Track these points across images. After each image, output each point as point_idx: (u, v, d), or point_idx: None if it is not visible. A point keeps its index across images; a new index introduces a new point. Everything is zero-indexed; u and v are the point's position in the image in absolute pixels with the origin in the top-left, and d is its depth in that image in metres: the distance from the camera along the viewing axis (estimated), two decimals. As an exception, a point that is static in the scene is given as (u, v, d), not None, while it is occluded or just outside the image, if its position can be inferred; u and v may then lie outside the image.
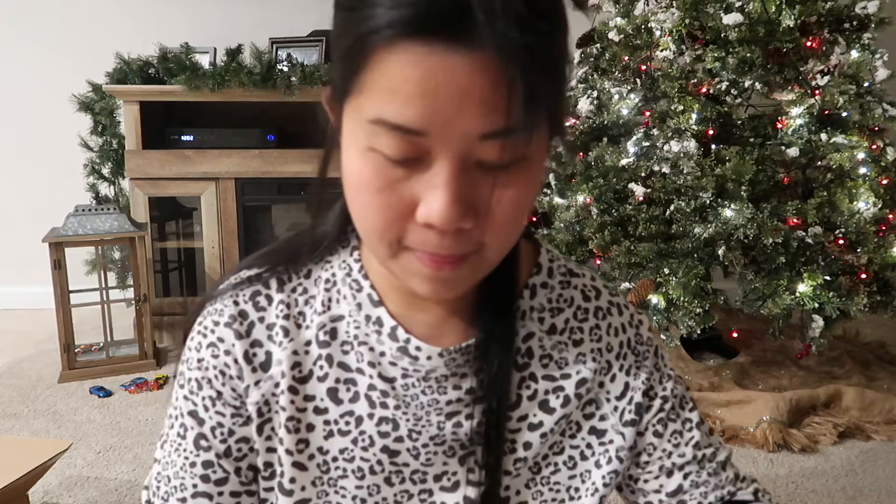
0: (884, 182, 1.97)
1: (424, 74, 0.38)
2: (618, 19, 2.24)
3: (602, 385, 0.60)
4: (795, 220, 1.91)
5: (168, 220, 2.85)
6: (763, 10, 1.97)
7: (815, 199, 1.93)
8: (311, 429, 0.56)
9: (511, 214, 0.44)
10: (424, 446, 0.56)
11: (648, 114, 2.13)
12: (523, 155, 0.42)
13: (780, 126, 2.06)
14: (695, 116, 2.00)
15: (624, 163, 2.10)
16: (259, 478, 0.57)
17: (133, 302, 2.44)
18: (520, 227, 0.47)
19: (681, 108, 2.00)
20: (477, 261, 0.46)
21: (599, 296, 0.61)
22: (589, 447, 0.60)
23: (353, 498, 0.56)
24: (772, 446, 1.84)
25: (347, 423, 0.55)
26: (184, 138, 2.60)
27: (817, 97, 2.01)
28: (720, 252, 1.92)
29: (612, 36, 2.23)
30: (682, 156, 1.98)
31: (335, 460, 0.56)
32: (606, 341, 0.60)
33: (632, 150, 2.11)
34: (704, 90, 2.08)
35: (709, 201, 1.94)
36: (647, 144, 2.09)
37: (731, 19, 1.97)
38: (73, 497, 1.63)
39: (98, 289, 2.44)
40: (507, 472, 0.57)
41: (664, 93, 2.06)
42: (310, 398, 0.55)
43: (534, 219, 2.35)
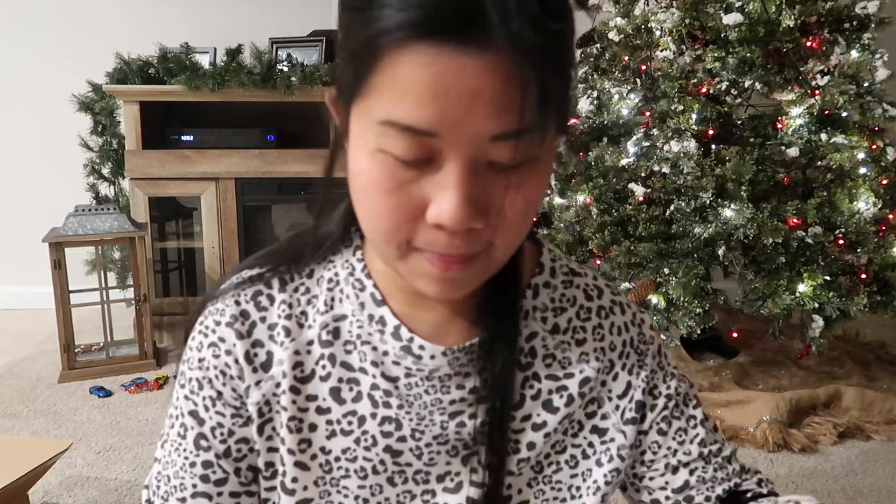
0: (884, 182, 1.97)
1: (436, 76, 0.38)
2: (618, 19, 2.24)
3: (604, 384, 0.60)
4: (795, 220, 1.91)
5: (168, 220, 2.85)
6: (763, 10, 1.97)
7: (815, 199, 1.93)
8: (314, 428, 0.55)
9: (520, 214, 0.44)
10: (427, 446, 0.56)
11: (648, 114, 2.13)
12: (533, 155, 0.42)
13: (780, 126, 2.06)
14: (695, 116, 2.00)
15: (624, 163, 2.10)
16: (259, 478, 0.57)
17: (133, 302, 2.44)
18: (528, 226, 0.47)
19: (681, 108, 2.00)
20: (485, 261, 0.46)
21: (602, 295, 0.61)
22: (591, 446, 0.60)
23: (356, 498, 0.56)
24: (772, 446, 1.84)
25: (350, 423, 0.55)
26: (184, 138, 2.60)
27: (817, 97, 2.01)
28: (720, 252, 1.92)
29: (612, 36, 2.23)
30: (682, 156, 1.98)
31: (338, 460, 0.56)
32: (609, 340, 0.60)
33: (632, 150, 2.11)
34: (704, 90, 2.08)
35: (709, 201, 1.94)
36: (647, 144, 2.09)
37: (731, 19, 1.97)
38: (73, 497, 1.63)
39: (98, 289, 2.44)
40: (510, 472, 0.57)
41: (664, 93, 2.06)
42: (312, 398, 0.55)
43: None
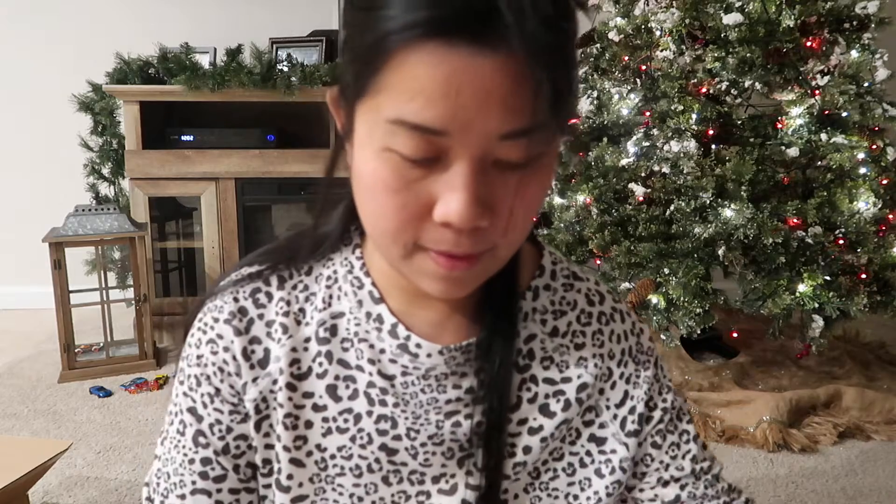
0: (884, 182, 1.97)
1: (447, 75, 0.38)
2: (618, 19, 2.24)
3: (602, 392, 0.59)
4: (795, 220, 1.91)
5: (168, 220, 2.85)
6: (763, 10, 1.97)
7: (815, 199, 1.93)
8: (310, 426, 0.55)
9: (525, 213, 0.45)
10: (423, 445, 0.56)
11: (648, 114, 2.13)
12: (539, 155, 0.42)
13: (780, 126, 2.06)
14: (695, 116, 2.00)
15: (624, 163, 2.10)
16: (258, 475, 0.57)
17: (133, 302, 2.44)
18: (530, 226, 0.47)
19: (681, 108, 2.00)
20: (489, 260, 0.46)
21: (603, 301, 0.61)
22: (588, 454, 0.59)
23: (351, 496, 0.56)
24: (772, 446, 1.84)
25: (346, 421, 0.55)
26: (184, 138, 2.60)
27: (817, 97, 2.01)
28: (720, 252, 1.92)
29: (612, 36, 2.22)
30: (682, 156, 1.98)
31: (333, 458, 0.56)
32: (608, 347, 0.59)
33: (632, 150, 2.11)
34: (704, 90, 2.08)
35: (709, 201, 1.94)
36: (647, 144, 2.09)
37: (731, 19, 1.97)
38: (73, 497, 1.63)
39: (98, 289, 2.44)
40: (506, 476, 0.57)
41: (664, 93, 2.06)
42: (308, 395, 0.55)
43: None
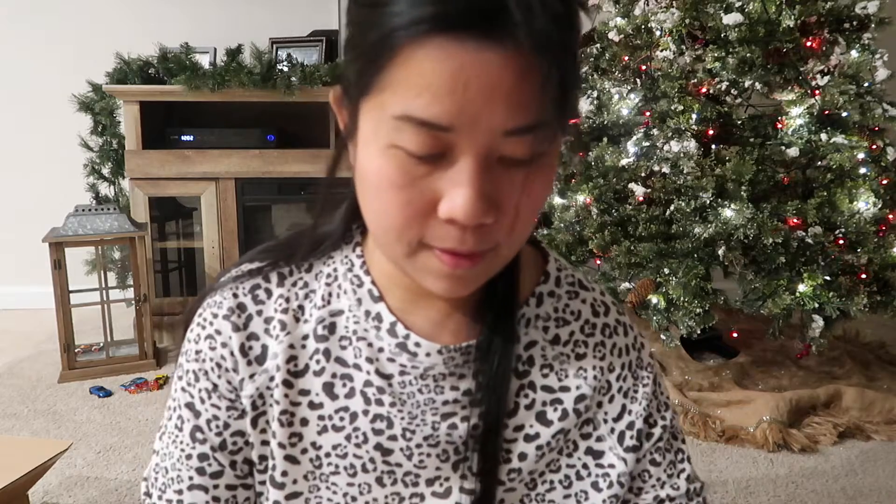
0: (884, 182, 1.97)
1: (455, 70, 0.38)
2: (618, 19, 2.24)
3: (600, 405, 0.59)
4: (795, 220, 1.91)
5: (168, 220, 2.85)
6: (763, 10, 1.97)
7: (815, 199, 1.93)
8: (305, 423, 0.55)
9: (529, 210, 0.45)
10: (418, 447, 0.55)
11: (648, 114, 2.13)
12: (543, 152, 0.42)
13: (780, 126, 2.06)
14: (695, 116, 2.00)
15: (624, 163, 2.10)
16: (255, 471, 0.57)
17: (133, 302, 2.44)
18: (533, 224, 0.47)
19: (681, 108, 2.00)
20: (492, 258, 0.46)
21: (608, 312, 0.61)
22: (585, 467, 0.59)
23: (344, 495, 0.56)
24: (772, 446, 1.84)
25: (342, 419, 0.55)
26: (184, 138, 2.61)
27: (817, 97, 2.01)
28: (720, 252, 1.92)
29: (612, 36, 2.23)
30: (682, 156, 1.98)
31: (328, 456, 0.56)
32: (609, 361, 0.59)
33: (632, 150, 2.11)
34: (704, 90, 2.08)
35: (709, 201, 1.94)
36: (647, 144, 2.09)
37: (731, 19, 1.97)
38: (73, 497, 1.63)
39: (98, 289, 2.44)
40: (500, 481, 0.57)
41: (664, 93, 2.06)
42: (305, 392, 0.55)
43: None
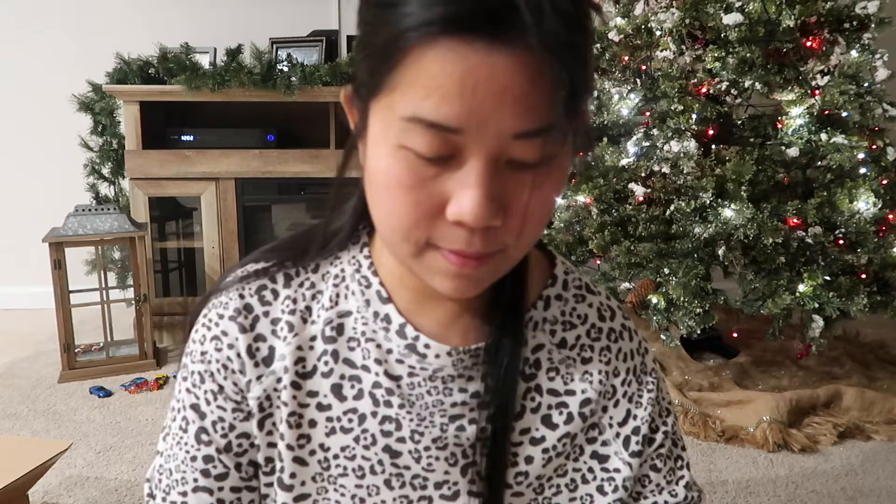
0: (884, 182, 1.97)
1: (465, 72, 0.38)
2: (618, 19, 2.24)
3: (605, 410, 0.59)
4: (795, 220, 1.91)
5: (168, 220, 2.85)
6: (763, 10, 1.97)
7: (815, 199, 1.93)
8: (313, 425, 0.55)
9: (538, 213, 0.44)
10: (426, 449, 0.55)
11: (648, 114, 2.13)
12: (553, 155, 0.42)
13: (780, 126, 2.06)
14: (695, 116, 2.00)
15: (624, 163, 2.10)
16: (260, 473, 0.57)
17: (133, 302, 2.44)
18: (543, 227, 0.47)
19: (681, 108, 2.00)
20: (500, 259, 0.46)
21: (614, 317, 0.61)
22: (591, 471, 0.59)
23: (353, 497, 0.56)
24: (772, 446, 1.84)
25: (350, 421, 0.55)
26: (184, 138, 2.60)
27: (817, 97, 2.01)
28: (720, 252, 1.92)
29: (612, 36, 2.22)
30: (682, 156, 1.98)
31: (336, 457, 0.56)
32: (614, 365, 0.59)
33: (632, 150, 2.11)
34: (704, 90, 2.08)
35: (709, 201, 1.94)
36: (647, 144, 2.09)
37: (731, 19, 1.97)
38: (73, 497, 1.62)
39: (98, 289, 2.44)
40: (508, 485, 0.57)
41: (664, 93, 2.06)
42: (313, 394, 0.55)
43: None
